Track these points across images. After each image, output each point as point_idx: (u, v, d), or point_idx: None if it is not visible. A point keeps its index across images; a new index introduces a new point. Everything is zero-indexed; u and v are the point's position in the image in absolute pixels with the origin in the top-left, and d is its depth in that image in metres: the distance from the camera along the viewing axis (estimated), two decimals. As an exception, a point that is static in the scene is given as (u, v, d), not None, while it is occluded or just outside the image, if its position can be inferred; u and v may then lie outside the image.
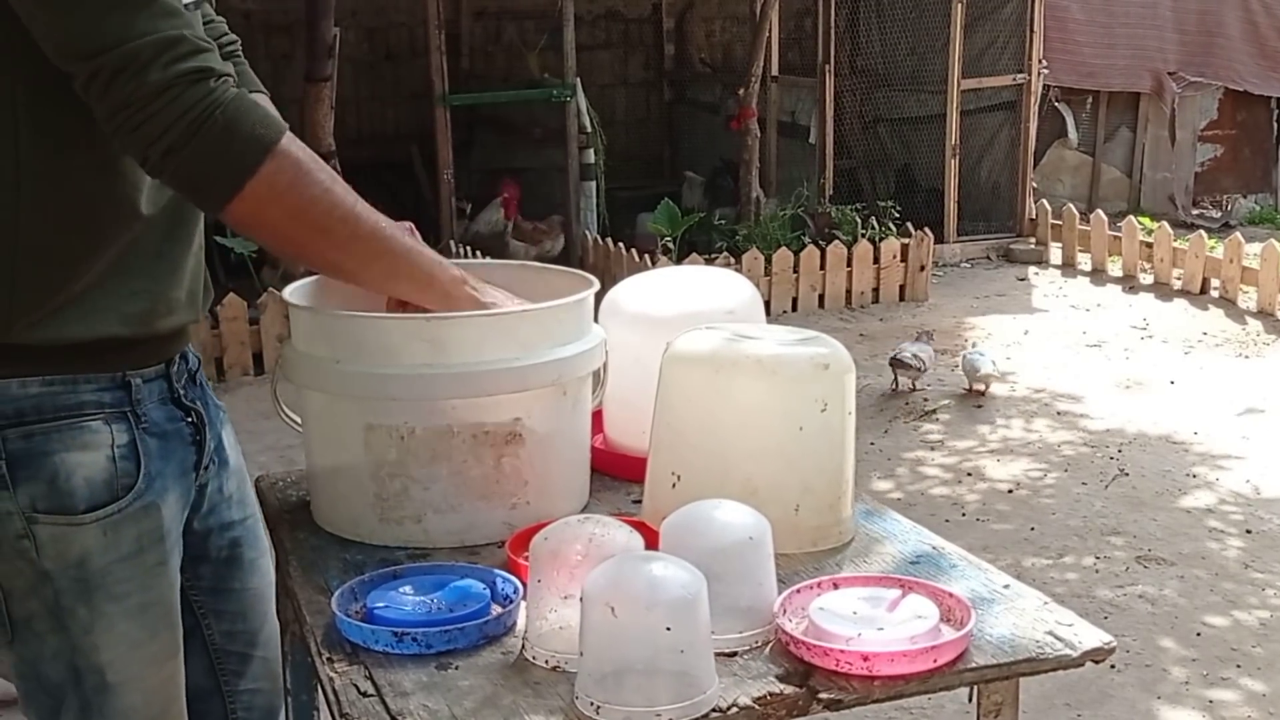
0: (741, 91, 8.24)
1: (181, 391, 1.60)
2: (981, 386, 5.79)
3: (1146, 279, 7.87)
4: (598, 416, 1.89)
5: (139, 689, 1.55)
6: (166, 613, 1.58)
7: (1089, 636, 1.38)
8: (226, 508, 1.72)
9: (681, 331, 1.67)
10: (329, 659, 1.36)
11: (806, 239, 7.59)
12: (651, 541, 1.42)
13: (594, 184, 8.21)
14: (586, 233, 7.94)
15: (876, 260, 7.58)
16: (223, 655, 1.77)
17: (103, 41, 1.32)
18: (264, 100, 1.67)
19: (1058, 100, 9.78)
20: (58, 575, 1.48)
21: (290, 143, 1.41)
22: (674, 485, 1.61)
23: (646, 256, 7.09)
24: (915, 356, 5.83)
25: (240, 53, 1.76)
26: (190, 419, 1.61)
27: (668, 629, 1.22)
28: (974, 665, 1.33)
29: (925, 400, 5.80)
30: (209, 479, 1.68)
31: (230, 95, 1.37)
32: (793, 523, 1.58)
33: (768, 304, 6.92)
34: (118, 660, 1.53)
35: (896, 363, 5.86)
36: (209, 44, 1.39)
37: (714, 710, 1.24)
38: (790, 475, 1.59)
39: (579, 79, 8.01)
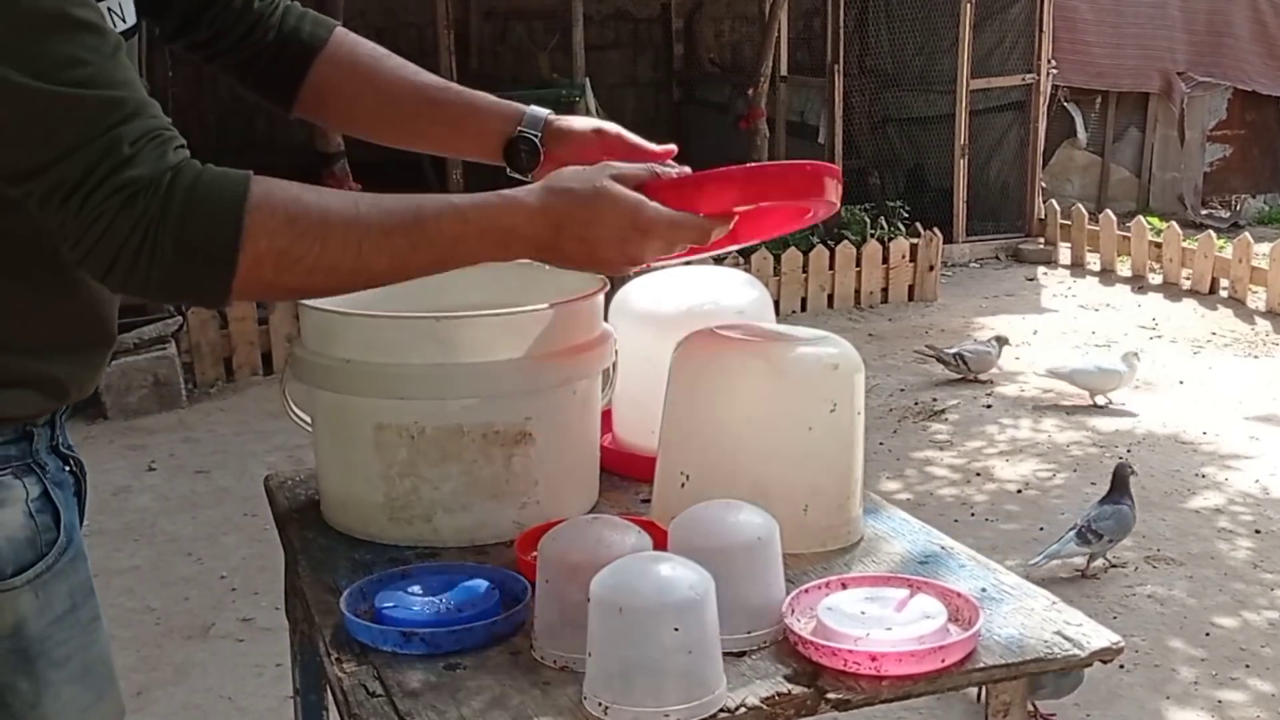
0: (750, 91, 8.23)
1: (60, 438, 1.43)
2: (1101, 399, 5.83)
3: (1155, 279, 7.86)
4: (607, 416, 1.89)
5: None
6: (108, 670, 1.45)
7: (1097, 636, 1.37)
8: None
9: (690, 331, 1.67)
10: (337, 659, 1.37)
11: (815, 239, 7.59)
12: (660, 541, 1.42)
13: (602, 184, 8.20)
14: (595, 232, 7.93)
15: (885, 260, 7.58)
16: None
17: (32, 161, 1.16)
18: (344, 41, 1.66)
19: (1066, 100, 9.76)
20: None
21: (257, 198, 1.20)
22: (683, 485, 1.61)
23: (655, 256, 7.09)
24: (957, 356, 5.98)
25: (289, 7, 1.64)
26: (69, 467, 1.44)
27: (676, 629, 1.21)
28: (982, 665, 1.33)
29: (934, 400, 5.79)
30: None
31: (170, 208, 1.16)
32: (801, 523, 1.58)
33: (777, 304, 6.80)
34: None
35: (940, 358, 6.03)
36: (143, 135, 1.17)
37: (722, 710, 1.24)
38: (799, 475, 1.59)
39: (588, 79, 8.02)
